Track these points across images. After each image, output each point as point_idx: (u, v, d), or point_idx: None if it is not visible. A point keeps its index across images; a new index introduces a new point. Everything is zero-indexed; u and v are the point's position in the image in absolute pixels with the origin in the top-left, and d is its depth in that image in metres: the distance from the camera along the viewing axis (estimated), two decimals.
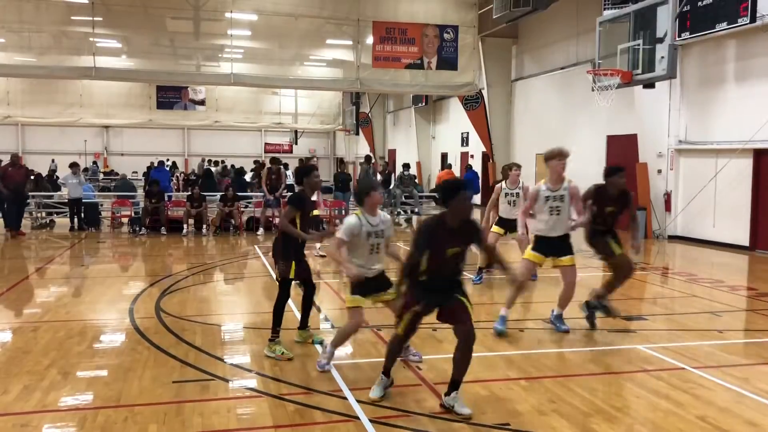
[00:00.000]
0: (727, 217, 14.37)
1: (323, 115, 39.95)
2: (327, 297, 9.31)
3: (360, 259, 5.52)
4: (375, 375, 5.64)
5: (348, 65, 22.36)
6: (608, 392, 5.35)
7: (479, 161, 25.62)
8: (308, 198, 6.54)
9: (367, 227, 5.47)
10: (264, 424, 4.67)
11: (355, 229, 5.44)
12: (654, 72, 13.49)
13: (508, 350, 6.51)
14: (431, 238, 4.79)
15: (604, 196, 6.92)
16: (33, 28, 19.69)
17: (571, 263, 7.00)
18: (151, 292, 9.11)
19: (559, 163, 6.89)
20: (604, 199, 6.92)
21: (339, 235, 5.43)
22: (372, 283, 5.61)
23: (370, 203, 5.52)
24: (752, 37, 13.37)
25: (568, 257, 6.98)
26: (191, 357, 6.13)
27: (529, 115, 22.46)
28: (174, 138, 40.57)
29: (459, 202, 4.75)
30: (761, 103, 13.26)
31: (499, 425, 4.64)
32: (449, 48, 21.38)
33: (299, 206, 6.32)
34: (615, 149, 17.68)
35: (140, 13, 19.48)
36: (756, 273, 11.86)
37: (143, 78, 24.78)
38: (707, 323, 7.74)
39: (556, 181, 6.95)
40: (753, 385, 5.49)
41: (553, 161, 6.91)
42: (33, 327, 7.23)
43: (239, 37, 21.36)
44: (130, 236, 16.17)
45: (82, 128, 36.89)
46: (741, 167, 13.90)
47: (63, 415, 4.80)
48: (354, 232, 5.44)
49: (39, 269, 11.43)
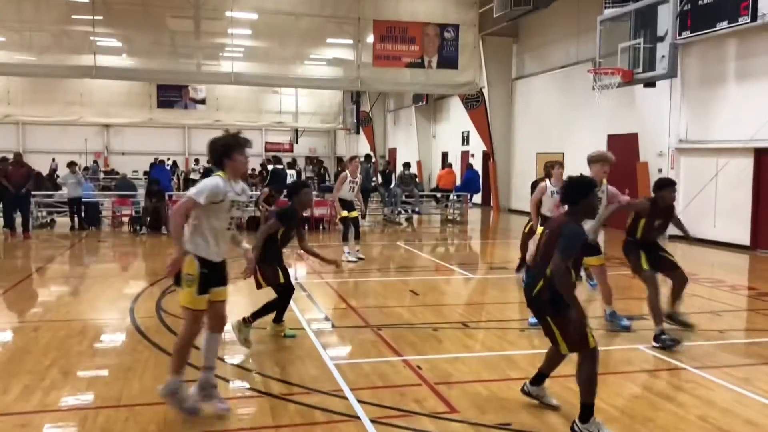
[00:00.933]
0: (727, 217, 14.36)
1: (324, 114, 39.99)
2: (327, 296, 9.31)
3: (210, 236, 4.55)
4: (376, 375, 5.65)
5: (348, 64, 22.37)
6: (609, 392, 5.34)
7: (480, 160, 25.61)
8: (298, 215, 6.53)
9: (231, 194, 4.59)
10: (264, 424, 4.66)
11: (219, 193, 4.49)
12: (655, 71, 13.49)
13: (509, 350, 6.51)
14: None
15: (656, 210, 6.81)
16: (33, 27, 19.72)
17: (600, 263, 7.29)
18: (152, 292, 9.11)
19: (601, 169, 6.97)
20: (655, 213, 6.81)
21: (191, 195, 4.44)
22: (214, 274, 4.64)
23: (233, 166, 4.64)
24: (753, 36, 13.36)
25: (596, 257, 7.22)
26: (192, 357, 6.11)
27: (530, 114, 22.44)
28: (174, 137, 40.57)
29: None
30: (762, 102, 13.24)
31: (500, 425, 4.64)
32: (450, 47, 21.38)
33: (285, 223, 6.40)
34: (615, 148, 17.52)
35: (140, 12, 19.50)
36: (757, 272, 11.86)
37: (144, 77, 24.83)
38: (708, 323, 7.73)
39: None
40: (754, 385, 5.49)
41: (596, 165, 7.00)
42: (33, 326, 7.23)
43: (240, 36, 21.37)
44: (131, 235, 16.17)
45: (83, 127, 36.90)
46: (742, 166, 13.89)
47: (63, 415, 4.80)
48: (216, 197, 4.48)
49: (40, 269, 11.43)
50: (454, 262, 12.93)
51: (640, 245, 6.86)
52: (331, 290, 9.71)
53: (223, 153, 4.63)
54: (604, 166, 6.98)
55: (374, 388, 5.35)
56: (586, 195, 4.47)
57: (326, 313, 8.14)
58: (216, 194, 4.47)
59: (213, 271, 4.61)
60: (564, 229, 4.41)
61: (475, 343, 6.79)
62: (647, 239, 6.88)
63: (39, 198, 18.53)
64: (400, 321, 7.60)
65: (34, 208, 18.15)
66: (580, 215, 4.52)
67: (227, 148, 4.63)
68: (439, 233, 18.54)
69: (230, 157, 4.61)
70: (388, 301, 8.81)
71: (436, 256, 13.84)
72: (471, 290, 10.23)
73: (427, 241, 16.58)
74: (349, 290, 9.82)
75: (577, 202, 4.49)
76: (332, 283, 10.15)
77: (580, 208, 4.50)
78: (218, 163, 4.64)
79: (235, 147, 4.65)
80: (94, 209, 17.59)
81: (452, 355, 6.27)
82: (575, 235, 4.41)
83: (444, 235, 18.12)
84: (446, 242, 17.01)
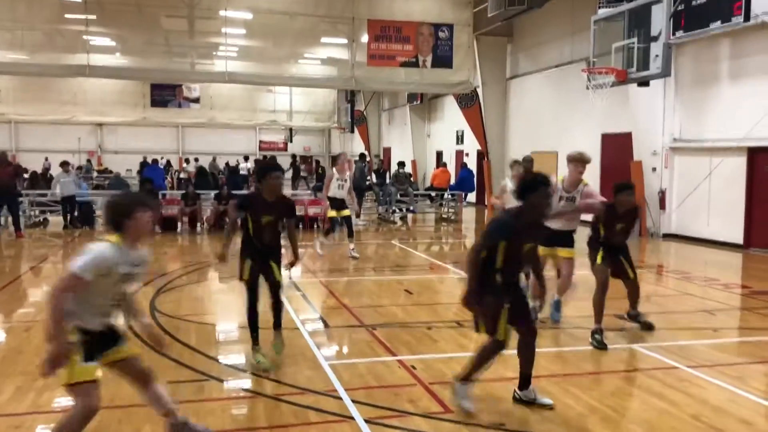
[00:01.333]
0: (721, 215, 14.41)
1: (318, 113, 39.96)
2: (321, 295, 9.30)
3: (95, 310, 3.80)
4: (370, 375, 5.64)
5: (343, 63, 22.34)
6: (603, 391, 5.35)
7: (474, 159, 25.64)
8: (259, 200, 5.87)
9: (124, 267, 3.80)
10: (259, 424, 4.66)
11: (106, 267, 3.69)
12: (648, 70, 13.50)
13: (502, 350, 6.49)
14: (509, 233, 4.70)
15: (614, 215, 6.75)
16: (26, 25, 19.59)
17: (570, 255, 7.22)
18: (145, 291, 9.06)
19: (575, 169, 7.07)
20: (614, 217, 6.75)
21: (75, 271, 3.58)
22: (101, 339, 3.86)
23: (134, 229, 3.82)
24: (746, 36, 13.41)
25: (567, 249, 7.19)
26: (186, 357, 6.11)
27: (524, 113, 22.47)
28: (168, 136, 40.47)
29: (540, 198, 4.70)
30: (755, 102, 13.29)
31: (495, 425, 4.64)
32: (444, 46, 21.38)
33: (242, 209, 5.88)
34: (610, 147, 17.71)
35: (134, 11, 19.42)
36: (750, 271, 11.90)
37: (137, 76, 24.73)
38: (701, 322, 7.76)
39: (571, 183, 7.12)
40: (747, 384, 5.51)
41: (570, 165, 7.11)
42: (26, 326, 7.19)
43: (234, 35, 21.30)
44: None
45: (76, 126, 36.76)
46: (735, 165, 13.94)
47: (56, 416, 4.75)
48: (103, 270, 3.68)
49: (32, 268, 11.38)
50: (448, 260, 12.94)
51: (603, 244, 6.86)
52: (325, 289, 9.69)
53: (122, 212, 3.80)
54: (578, 166, 7.06)
55: (368, 388, 5.35)
56: (532, 192, 4.66)
57: (320, 313, 8.13)
58: (102, 268, 3.67)
59: (99, 336, 3.84)
60: (491, 222, 4.96)
61: (469, 343, 6.78)
62: (610, 242, 6.83)
63: (32, 197, 18.47)
64: (395, 320, 7.60)
65: (27, 207, 18.09)
66: (527, 211, 4.73)
67: (128, 207, 3.83)
68: (434, 232, 18.55)
69: (131, 217, 3.78)
70: (383, 301, 8.81)
71: (431, 255, 13.84)
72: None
73: (422, 240, 16.58)
74: (344, 289, 9.81)
75: (525, 199, 4.71)
76: (326, 283, 10.14)
77: (527, 204, 4.71)
78: (116, 224, 3.80)
79: (138, 205, 3.85)
80: (88, 208, 17.53)
81: (447, 355, 6.28)
82: (495, 229, 4.79)
83: (438, 234, 18.13)
84: (441, 241, 17.02)
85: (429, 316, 7.92)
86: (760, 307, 8.66)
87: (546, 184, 4.72)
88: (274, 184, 5.81)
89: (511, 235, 4.69)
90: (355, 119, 35.19)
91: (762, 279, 10.86)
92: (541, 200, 4.71)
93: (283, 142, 42.33)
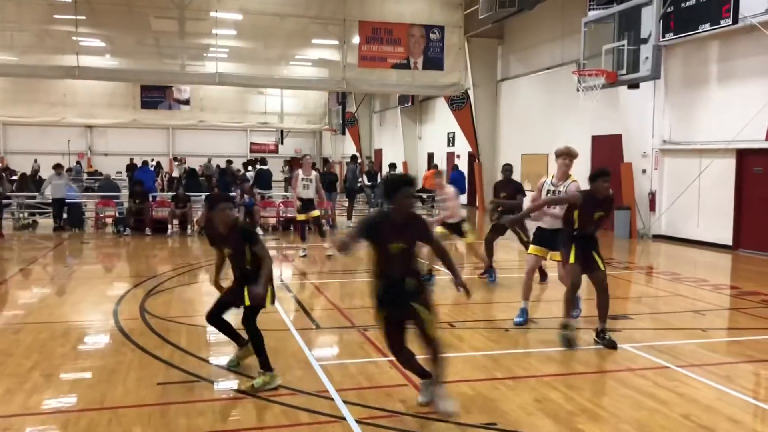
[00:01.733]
0: (710, 217, 14.50)
1: (309, 115, 39.89)
2: (312, 297, 9.29)
3: None
4: (361, 375, 5.64)
5: (334, 65, 22.33)
6: (593, 391, 5.37)
7: (465, 161, 25.68)
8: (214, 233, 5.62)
9: None
10: (249, 425, 4.64)
11: None
12: (638, 72, 13.58)
13: (494, 350, 6.52)
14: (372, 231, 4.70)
15: (592, 202, 6.62)
16: (15, 26, 19.47)
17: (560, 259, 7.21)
18: (136, 293, 9.04)
19: (563, 162, 7.25)
20: (592, 205, 6.62)
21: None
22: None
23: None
24: (735, 39, 13.51)
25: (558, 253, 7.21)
26: (176, 358, 6.08)
27: (515, 115, 22.54)
28: (158, 138, 40.32)
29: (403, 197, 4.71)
30: (744, 104, 13.39)
31: (486, 425, 4.65)
32: (435, 48, 21.40)
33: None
34: (600, 149, 17.79)
35: (124, 12, 19.32)
36: (739, 272, 11.99)
37: (127, 77, 24.56)
38: (691, 322, 7.80)
39: (560, 177, 7.30)
40: (735, 383, 5.55)
41: (559, 159, 7.29)
42: (15, 329, 7.14)
43: (224, 36, 21.24)
44: (114, 237, 16.04)
45: (66, 128, 36.52)
46: (724, 167, 14.03)
47: (45, 418, 4.75)
48: None
49: (21, 270, 11.30)
50: (439, 262, 12.92)
51: (576, 237, 6.74)
52: (317, 291, 9.68)
53: None
54: (565, 160, 7.25)
55: (360, 388, 5.34)
56: (397, 192, 4.67)
57: (312, 314, 8.11)
58: None
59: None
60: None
61: (461, 343, 6.80)
62: (584, 231, 6.71)
63: (21, 199, 18.35)
64: None
65: (16, 210, 17.98)
66: (396, 209, 4.71)
67: None
68: None
69: None
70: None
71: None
72: (456, 290, 10.22)
73: None
74: (335, 291, 9.80)
75: (391, 198, 4.73)
76: (318, 284, 10.12)
77: (393, 202, 4.73)
78: None
79: None
80: (77, 210, 17.43)
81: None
82: (359, 223, 4.80)
83: None
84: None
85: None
86: (749, 307, 8.71)
87: (409, 185, 4.77)
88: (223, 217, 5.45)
89: (371, 234, 4.69)
90: (346, 121, 35.18)
91: (750, 280, 10.93)
92: (405, 199, 4.72)
93: (274, 144, 42.26)
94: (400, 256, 4.69)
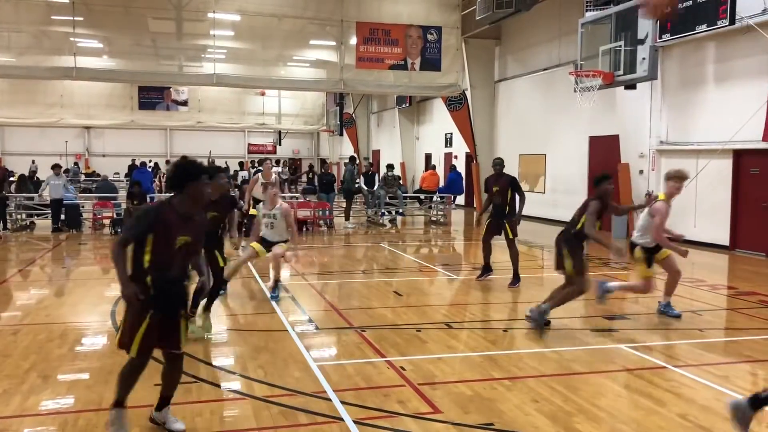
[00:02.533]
0: (707, 217, 14.52)
1: (307, 116, 39.93)
2: (310, 297, 9.29)
3: None
4: (359, 376, 5.65)
5: (331, 66, 22.35)
6: (591, 391, 5.38)
7: (463, 162, 25.70)
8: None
9: None
10: (248, 426, 4.64)
11: None
12: (635, 73, 13.61)
13: (491, 350, 6.53)
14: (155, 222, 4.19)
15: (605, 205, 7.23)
16: (12, 27, 19.46)
17: (666, 255, 7.86)
18: None
19: (674, 185, 7.58)
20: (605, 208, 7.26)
21: None
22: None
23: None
24: (731, 39, 13.53)
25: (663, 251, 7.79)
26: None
27: (512, 115, 22.56)
28: (156, 139, 40.27)
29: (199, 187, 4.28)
30: (740, 104, 13.41)
31: (483, 425, 4.65)
32: (433, 49, 21.44)
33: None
34: (597, 150, 17.81)
35: (121, 13, 19.32)
36: (736, 272, 12.01)
37: (125, 78, 24.58)
38: (688, 322, 7.81)
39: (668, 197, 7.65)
40: (733, 383, 5.56)
41: (670, 182, 7.62)
42: (13, 330, 7.13)
43: (222, 37, 21.26)
44: (112, 238, 16.03)
45: (63, 129, 36.51)
46: (721, 167, 14.06)
47: (43, 419, 4.75)
48: None
49: (19, 271, 11.29)
50: (437, 263, 12.96)
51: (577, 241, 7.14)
52: (315, 292, 9.69)
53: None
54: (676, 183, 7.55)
55: (358, 389, 5.35)
56: (193, 181, 4.25)
57: (309, 315, 8.12)
58: None
59: None
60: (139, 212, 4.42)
61: (458, 344, 6.81)
62: (584, 234, 7.12)
63: (19, 200, 18.33)
64: (384, 322, 7.61)
65: (14, 210, 17.95)
66: (186, 201, 4.29)
67: None
68: (423, 234, 18.57)
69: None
70: (372, 303, 8.81)
71: (420, 257, 13.86)
72: (454, 291, 10.26)
73: (411, 243, 16.59)
74: (333, 292, 9.81)
75: (181, 188, 4.28)
76: (315, 285, 10.12)
77: (186, 191, 4.28)
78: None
79: None
80: (75, 211, 17.41)
81: (436, 356, 6.29)
82: (135, 218, 4.36)
83: (427, 237, 18.15)
84: (429, 243, 17.04)
85: (418, 317, 7.93)
86: (746, 307, 8.73)
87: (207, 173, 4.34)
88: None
89: (157, 225, 4.20)
90: (344, 122, 35.22)
91: (747, 280, 10.95)
92: (201, 189, 4.28)
93: (272, 145, 42.26)
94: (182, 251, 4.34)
